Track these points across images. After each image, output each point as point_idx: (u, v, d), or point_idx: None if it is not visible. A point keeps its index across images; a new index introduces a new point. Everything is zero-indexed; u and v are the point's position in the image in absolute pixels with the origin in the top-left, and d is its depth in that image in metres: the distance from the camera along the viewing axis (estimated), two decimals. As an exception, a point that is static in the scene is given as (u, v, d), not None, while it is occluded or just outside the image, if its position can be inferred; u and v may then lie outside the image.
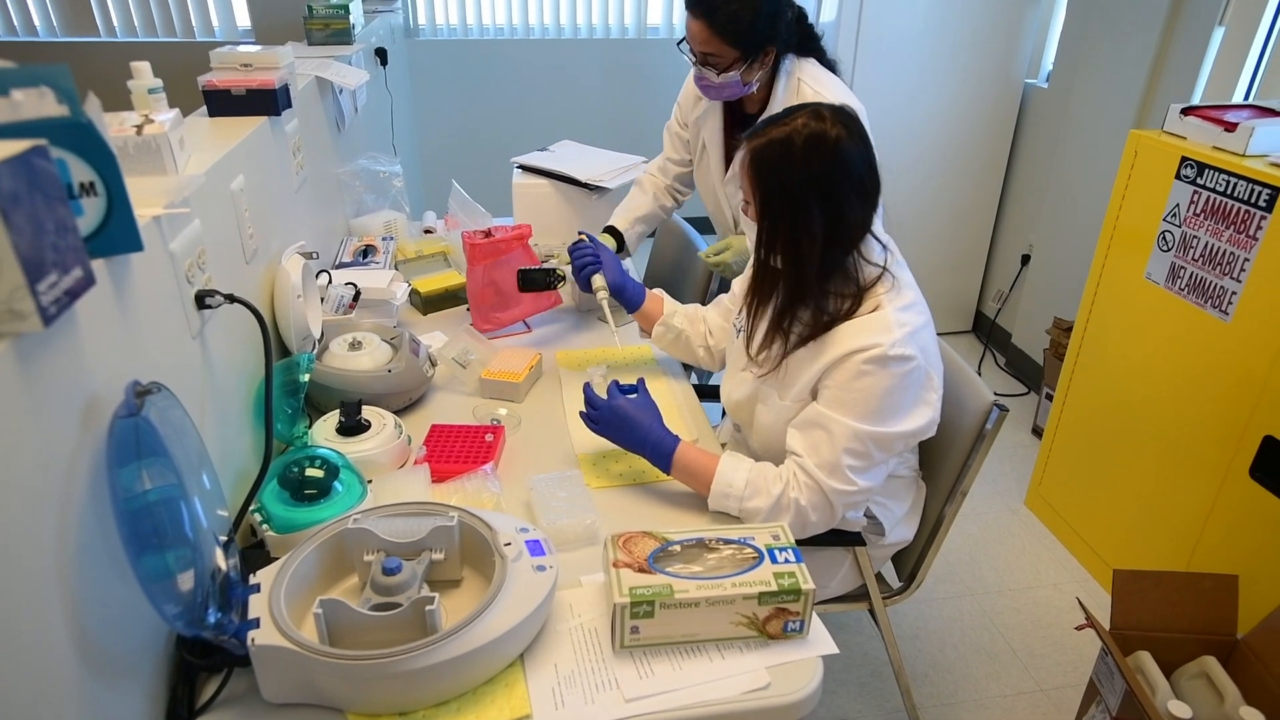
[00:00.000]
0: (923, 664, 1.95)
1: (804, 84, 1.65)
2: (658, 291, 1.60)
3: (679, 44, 1.64)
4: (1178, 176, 1.87)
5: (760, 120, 1.21)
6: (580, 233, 1.56)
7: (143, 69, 1.05)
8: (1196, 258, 1.83)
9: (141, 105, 1.04)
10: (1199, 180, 1.81)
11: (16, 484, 0.62)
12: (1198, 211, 1.82)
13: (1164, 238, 1.92)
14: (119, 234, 0.75)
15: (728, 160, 1.83)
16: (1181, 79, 2.40)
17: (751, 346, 1.32)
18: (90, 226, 0.73)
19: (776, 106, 1.67)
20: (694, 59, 1.62)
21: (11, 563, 0.61)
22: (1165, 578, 1.58)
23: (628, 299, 1.55)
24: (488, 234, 1.71)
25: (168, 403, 0.81)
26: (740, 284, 1.47)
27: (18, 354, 0.62)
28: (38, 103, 0.65)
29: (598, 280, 1.46)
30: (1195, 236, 1.83)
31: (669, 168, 1.96)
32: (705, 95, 1.72)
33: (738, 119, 1.80)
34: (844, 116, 1.17)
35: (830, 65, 1.71)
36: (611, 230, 1.91)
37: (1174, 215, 1.89)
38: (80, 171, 0.70)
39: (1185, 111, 1.91)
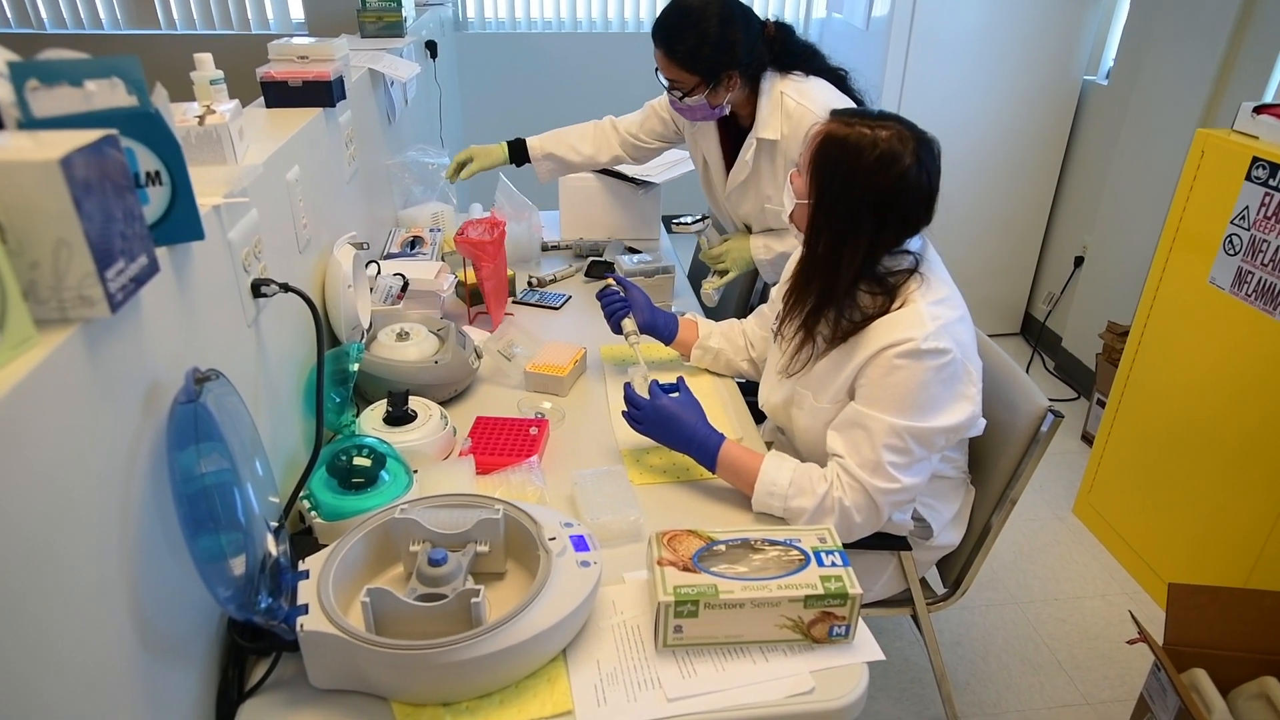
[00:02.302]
0: (964, 672, 1.92)
1: (787, 97, 1.68)
2: (689, 316, 1.60)
3: (656, 71, 1.69)
4: (1248, 178, 1.80)
5: (854, 107, 1.25)
6: (608, 276, 1.56)
7: (205, 60, 1.07)
8: (1266, 262, 1.76)
9: (203, 96, 1.06)
10: (1271, 182, 1.74)
11: (85, 465, 0.64)
12: (1269, 214, 1.75)
13: (1231, 241, 1.85)
14: (182, 223, 0.76)
15: (728, 172, 1.85)
16: (1253, 76, 2.30)
17: (784, 347, 1.31)
18: (155, 215, 0.74)
19: (763, 122, 1.71)
20: (665, 84, 1.69)
21: (79, 540, 0.62)
22: (1223, 593, 1.53)
23: (660, 335, 1.54)
24: (462, 233, 1.62)
25: (224, 390, 0.82)
26: (779, 290, 1.46)
27: (86, 339, 0.63)
28: (109, 93, 0.67)
29: (628, 324, 1.46)
30: (1265, 240, 1.76)
31: (632, 138, 1.97)
32: (681, 115, 1.78)
33: (733, 134, 1.82)
34: (924, 148, 1.15)
35: (830, 73, 1.72)
36: (518, 143, 1.95)
37: (1242, 218, 1.81)
38: (147, 161, 0.72)
39: (1258, 110, 1.83)
